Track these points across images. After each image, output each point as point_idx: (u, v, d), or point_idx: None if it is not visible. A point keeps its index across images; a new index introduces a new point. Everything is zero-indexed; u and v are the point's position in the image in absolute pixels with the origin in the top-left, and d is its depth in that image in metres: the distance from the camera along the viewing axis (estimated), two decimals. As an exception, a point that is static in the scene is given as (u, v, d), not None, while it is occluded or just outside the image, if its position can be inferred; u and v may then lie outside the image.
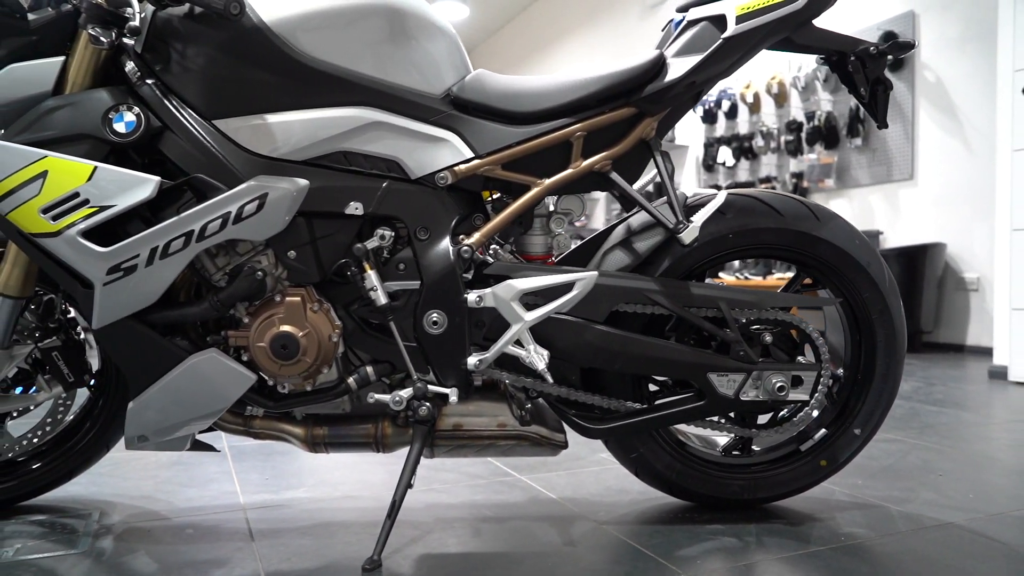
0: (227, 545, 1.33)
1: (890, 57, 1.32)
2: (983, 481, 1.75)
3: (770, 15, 1.23)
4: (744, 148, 6.20)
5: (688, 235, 1.26)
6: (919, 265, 4.48)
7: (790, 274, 5.08)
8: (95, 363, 1.48)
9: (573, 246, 1.45)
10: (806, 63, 5.60)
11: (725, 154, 6.36)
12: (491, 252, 1.37)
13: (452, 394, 1.28)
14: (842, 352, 1.50)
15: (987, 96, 4.34)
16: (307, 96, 1.20)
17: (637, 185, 1.37)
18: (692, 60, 1.25)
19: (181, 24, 1.17)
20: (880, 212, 5.10)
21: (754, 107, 6.09)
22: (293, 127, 1.19)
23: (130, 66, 1.20)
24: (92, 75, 1.20)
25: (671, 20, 1.41)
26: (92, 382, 1.46)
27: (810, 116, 5.56)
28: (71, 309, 1.46)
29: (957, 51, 4.58)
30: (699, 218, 1.27)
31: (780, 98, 5.89)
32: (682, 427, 1.54)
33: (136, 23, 1.12)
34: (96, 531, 1.39)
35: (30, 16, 1.18)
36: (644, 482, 1.51)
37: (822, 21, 1.34)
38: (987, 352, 4.30)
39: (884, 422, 1.50)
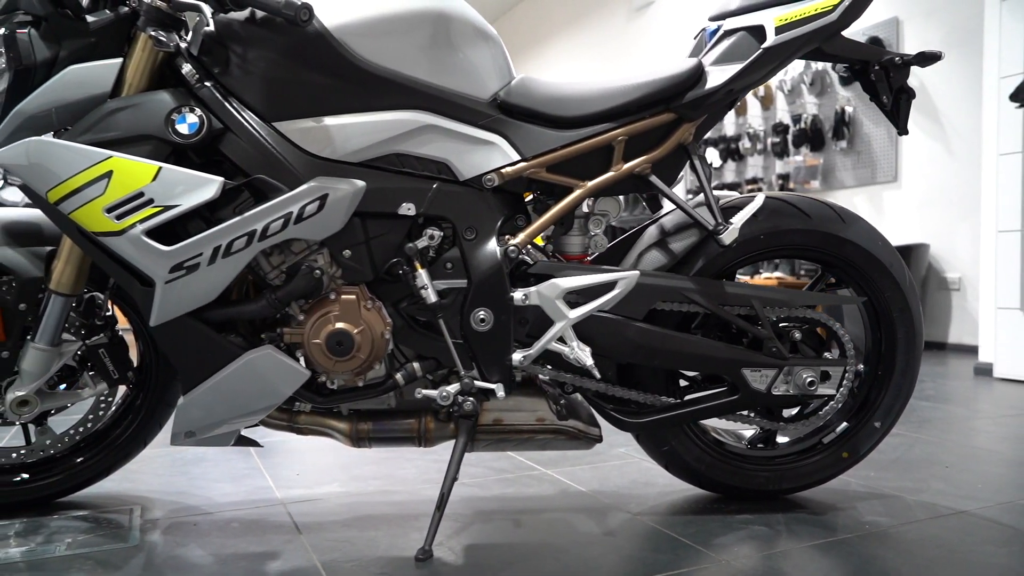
0: (275, 538, 1.35)
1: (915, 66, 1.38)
2: (987, 472, 1.83)
3: (808, 26, 1.28)
4: (731, 150, 6.30)
5: (728, 236, 1.32)
6: (904, 265, 4.60)
7: (777, 273, 5.19)
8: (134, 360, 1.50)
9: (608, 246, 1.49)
10: (792, 67, 5.71)
11: (712, 155, 6.46)
12: (530, 252, 1.41)
13: (499, 389, 1.32)
14: (861, 347, 1.57)
15: (968, 101, 4.47)
16: (364, 100, 1.23)
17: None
18: (732, 68, 1.31)
19: (241, 28, 1.20)
20: (864, 213, 5.23)
21: (740, 110, 6.19)
22: (350, 130, 1.23)
23: (187, 68, 1.22)
24: (149, 77, 1.22)
25: (703, 29, 1.47)
26: (132, 379, 1.48)
27: (796, 119, 5.67)
28: (108, 307, 1.48)
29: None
30: (739, 219, 1.32)
31: (766, 101, 6.00)
32: (709, 421, 1.60)
33: (208, 26, 1.14)
34: (142, 526, 1.41)
35: (88, 18, 1.20)
36: (673, 474, 1.56)
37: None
38: (969, 350, 4.44)
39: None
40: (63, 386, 1.44)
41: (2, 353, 1.31)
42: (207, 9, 1.14)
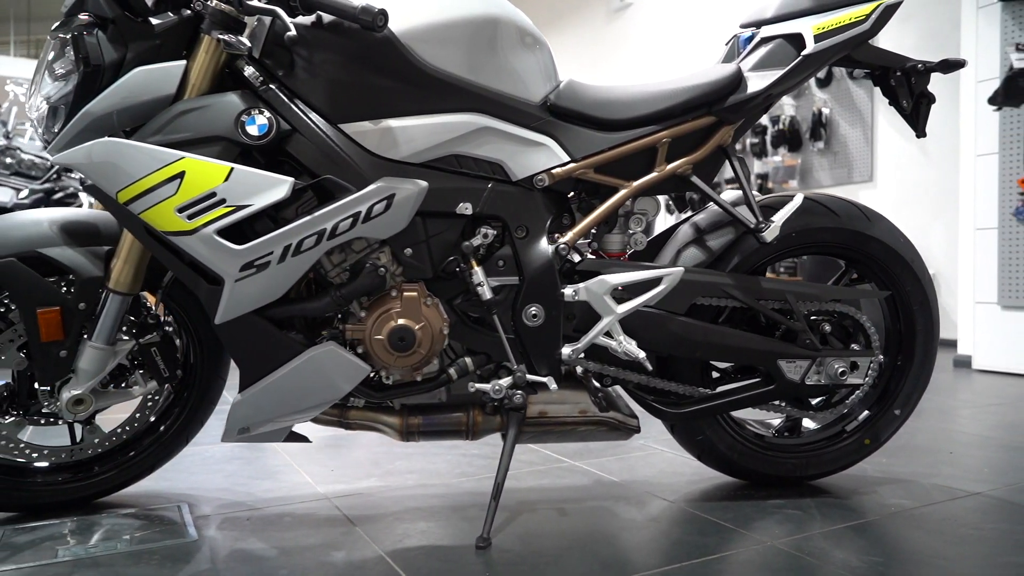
0: (332, 530, 1.38)
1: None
2: (989, 457, 1.93)
3: (844, 35, 1.36)
4: (710, 150, 6.42)
5: (770, 234, 1.38)
6: (882, 262, 4.75)
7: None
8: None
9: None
10: (771, 69, 5.84)
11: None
12: (577, 249, 1.46)
13: (550, 382, 1.37)
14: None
15: (942, 103, 4.63)
16: (427, 103, 1.27)
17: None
18: (772, 74, 1.37)
19: (306, 32, 1.22)
20: (842, 212, 5.37)
21: (719, 110, 6.31)
22: (413, 131, 1.26)
23: (250, 71, 1.24)
24: (211, 79, 1.24)
25: (735, 36, 1.53)
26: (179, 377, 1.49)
27: (774, 120, 5.81)
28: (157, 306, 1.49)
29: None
30: (780, 218, 1.39)
31: (745, 102, 6.12)
32: (738, 412, 1.67)
33: (292, 30, 1.17)
34: (195, 522, 1.42)
35: (152, 21, 1.22)
36: (706, 463, 1.63)
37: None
38: (946, 343, 4.61)
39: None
40: (111, 385, 1.45)
41: (60, 352, 1.32)
42: (283, 13, 1.16)
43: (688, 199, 6.20)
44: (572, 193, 1.46)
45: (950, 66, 1.43)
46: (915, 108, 1.52)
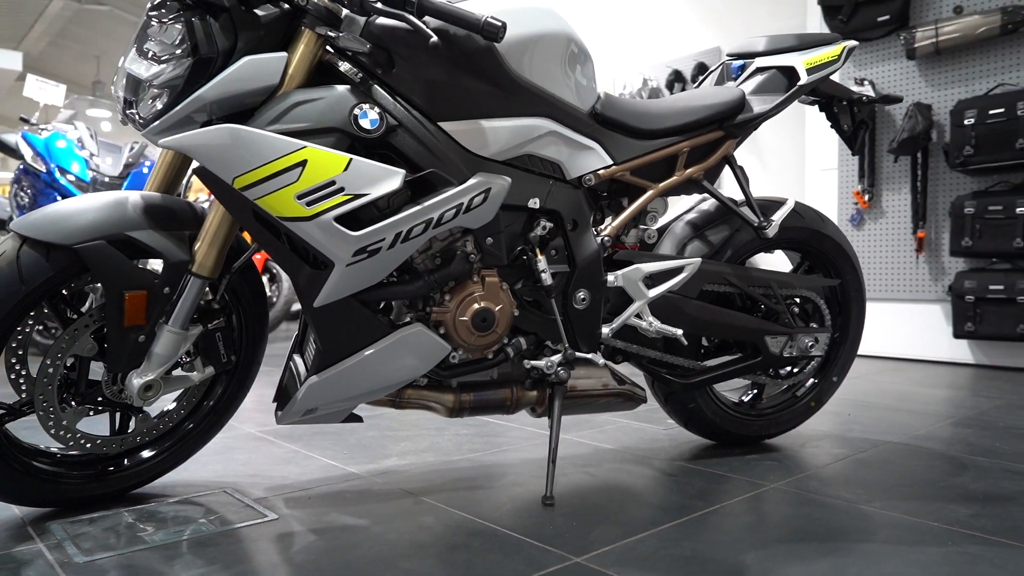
0: (400, 501, 1.48)
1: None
2: (881, 417, 2.38)
3: (827, 69, 1.67)
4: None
5: (771, 231, 1.67)
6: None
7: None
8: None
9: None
10: (632, 81, 6.36)
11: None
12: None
13: (596, 358, 1.55)
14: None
15: (784, 122, 5.35)
16: (512, 106, 1.40)
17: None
18: (773, 98, 1.66)
19: (409, 35, 1.31)
20: (695, 216, 5.99)
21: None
22: (501, 132, 1.40)
23: (346, 66, 1.31)
24: (307, 72, 1.29)
25: (722, 63, 1.81)
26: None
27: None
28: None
29: (757, 85, 5.57)
30: (778, 217, 1.68)
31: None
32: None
33: (434, 36, 1.24)
34: (260, 503, 1.45)
35: (259, 12, 1.25)
36: (691, 429, 1.89)
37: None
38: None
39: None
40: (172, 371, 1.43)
41: (139, 337, 1.29)
42: (415, 19, 1.24)
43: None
44: (603, 192, 1.66)
45: (888, 100, 1.80)
46: (854, 131, 1.88)
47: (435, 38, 1.21)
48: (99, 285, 1.35)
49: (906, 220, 3.88)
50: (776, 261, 2.53)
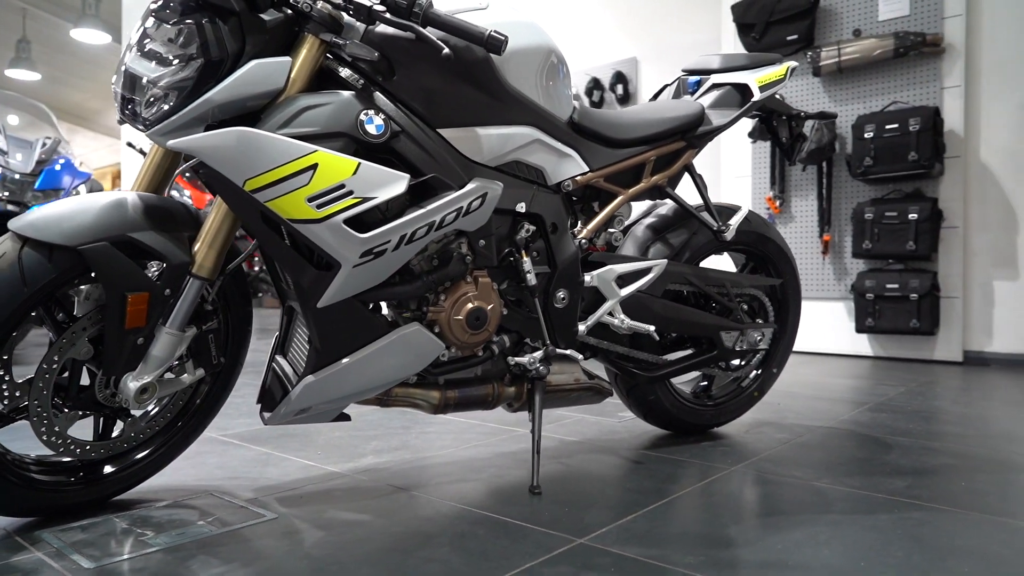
0: (395, 496, 1.51)
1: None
2: (807, 406, 2.59)
3: (775, 87, 1.83)
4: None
5: (729, 234, 1.81)
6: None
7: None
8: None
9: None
10: (575, 82, 6.52)
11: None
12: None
13: (574, 355, 1.65)
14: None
15: (694, 132, 5.65)
16: (504, 115, 1.47)
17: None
18: (730, 113, 1.80)
19: (410, 45, 1.36)
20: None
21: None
22: (494, 139, 1.46)
23: (346, 72, 1.35)
24: (310, 77, 1.32)
25: (678, 78, 1.95)
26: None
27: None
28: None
29: (671, 95, 5.85)
30: (735, 222, 1.82)
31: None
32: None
33: (446, 48, 1.28)
34: (253, 502, 1.45)
35: (264, 17, 1.27)
36: (649, 420, 2.02)
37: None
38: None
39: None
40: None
41: (138, 339, 1.28)
42: (427, 32, 1.28)
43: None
44: (577, 197, 1.75)
45: (823, 116, 1.99)
46: (791, 143, 2.06)
47: (447, 50, 1.26)
48: (83, 288, 1.32)
49: (813, 224, 4.20)
50: (719, 262, 2.71)
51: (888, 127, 3.75)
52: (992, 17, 3.76)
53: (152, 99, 1.23)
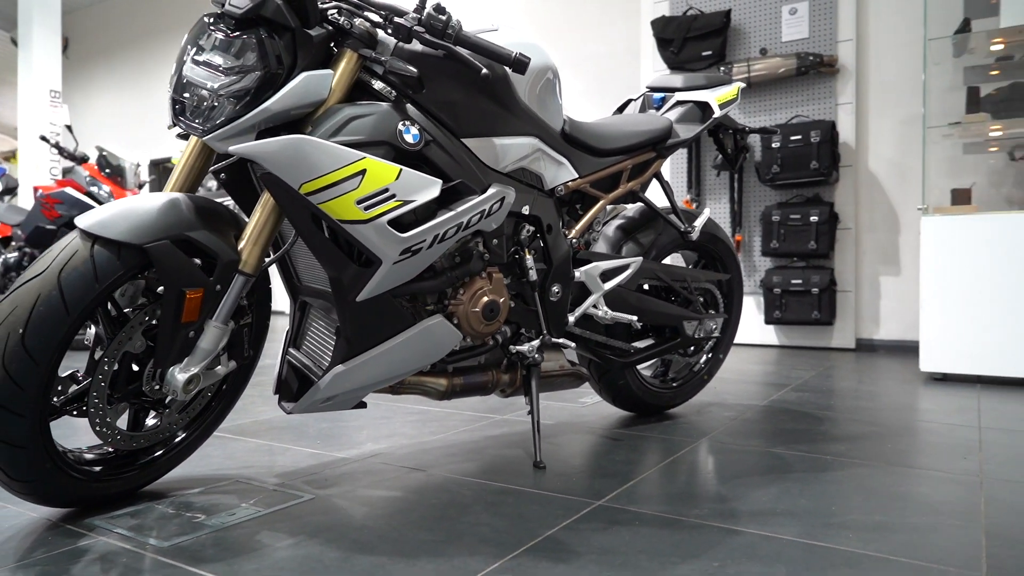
0: (413, 476, 1.64)
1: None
2: (740, 388, 2.89)
3: (731, 105, 2.08)
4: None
5: (695, 235, 2.04)
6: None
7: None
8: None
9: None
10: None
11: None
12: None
13: (566, 343, 1.83)
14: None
15: (610, 138, 5.96)
16: (515, 127, 1.63)
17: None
18: (694, 128, 2.03)
19: (437, 62, 1.49)
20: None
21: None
22: (508, 148, 1.62)
23: (379, 85, 1.47)
24: (347, 89, 1.43)
25: (643, 94, 2.17)
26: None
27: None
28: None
29: (584, 100, 6.14)
30: (699, 223, 2.05)
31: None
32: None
33: (484, 69, 1.41)
34: (280, 486, 1.54)
35: (311, 32, 1.37)
36: (617, 404, 2.22)
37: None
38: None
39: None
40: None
41: (190, 333, 1.34)
42: (464, 52, 1.42)
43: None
44: (565, 201, 1.93)
45: (765, 131, 2.26)
46: (735, 154, 2.33)
47: (485, 70, 1.41)
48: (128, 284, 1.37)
49: (726, 225, 4.58)
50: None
51: (793, 138, 4.15)
52: (877, 42, 4.24)
53: (211, 106, 1.31)
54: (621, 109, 2.25)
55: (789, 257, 4.31)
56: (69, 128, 4.50)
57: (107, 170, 4.59)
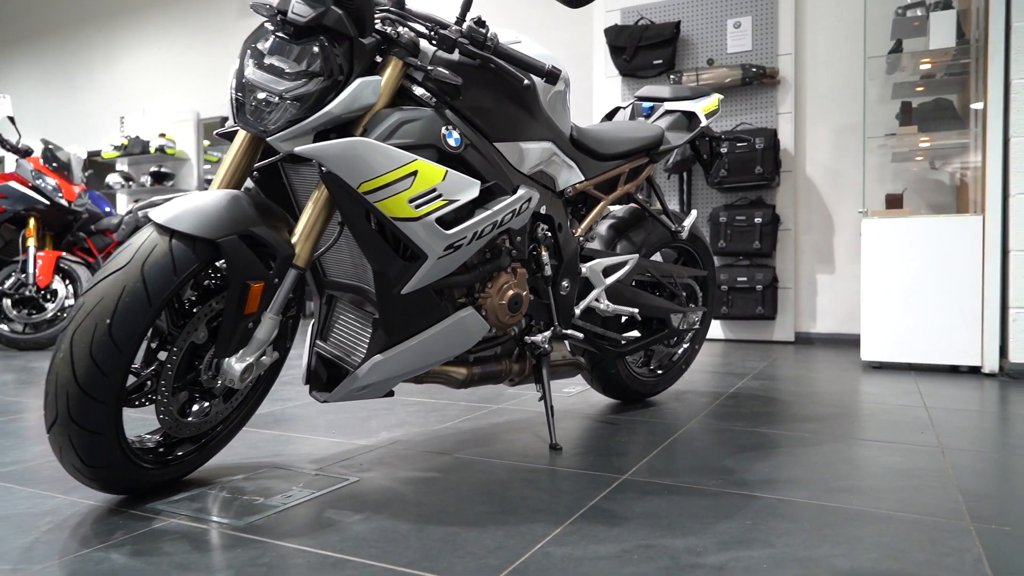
0: (441, 459, 1.74)
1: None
2: (705, 378, 3.10)
3: (715, 115, 2.26)
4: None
5: (684, 234, 2.21)
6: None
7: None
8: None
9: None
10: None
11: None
12: None
13: (574, 334, 1.96)
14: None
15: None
16: (538, 132, 1.75)
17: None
18: (683, 136, 2.21)
19: (474, 71, 1.60)
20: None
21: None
22: (531, 152, 1.74)
23: (420, 91, 1.57)
24: (392, 94, 1.53)
25: (632, 103, 2.33)
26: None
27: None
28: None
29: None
30: (688, 223, 2.23)
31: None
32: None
33: (527, 80, 1.52)
34: (321, 471, 1.62)
35: (364, 41, 1.46)
36: (607, 393, 2.38)
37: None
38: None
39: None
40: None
41: (250, 324, 1.41)
42: (506, 64, 1.53)
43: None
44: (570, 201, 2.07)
45: (739, 139, 2.46)
46: (711, 160, 2.53)
47: (527, 80, 1.53)
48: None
49: (675, 226, 4.82)
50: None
51: (739, 144, 4.42)
52: (814, 56, 4.57)
53: (276, 109, 1.38)
54: (610, 116, 2.40)
55: (735, 256, 4.58)
56: (12, 120, 4.32)
57: (53, 163, 4.44)
